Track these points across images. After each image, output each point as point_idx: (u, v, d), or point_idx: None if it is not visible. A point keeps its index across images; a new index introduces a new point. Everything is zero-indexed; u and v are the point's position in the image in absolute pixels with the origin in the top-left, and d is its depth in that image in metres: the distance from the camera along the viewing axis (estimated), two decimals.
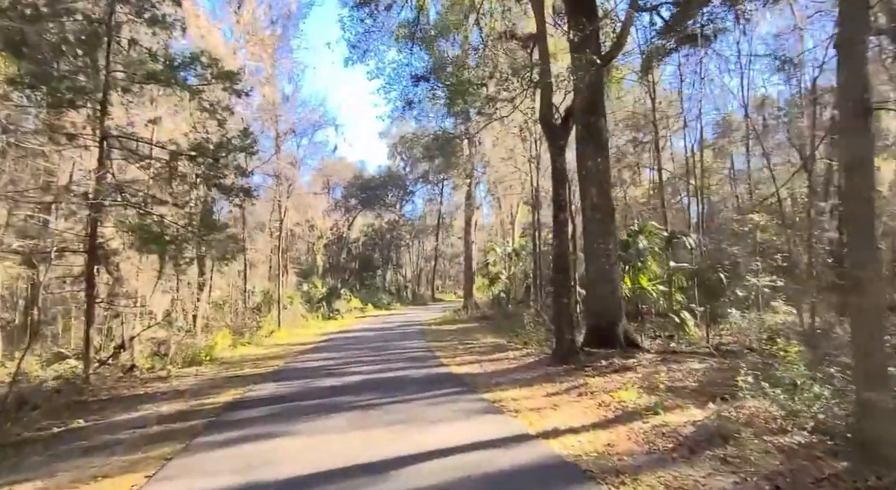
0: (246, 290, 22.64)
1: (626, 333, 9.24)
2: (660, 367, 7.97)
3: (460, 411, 6.06)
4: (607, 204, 9.41)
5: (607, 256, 9.21)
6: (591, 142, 9.49)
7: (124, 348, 10.70)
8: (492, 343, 13.87)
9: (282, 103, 23.09)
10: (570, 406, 6.09)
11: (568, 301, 8.74)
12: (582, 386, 7.08)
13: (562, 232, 8.82)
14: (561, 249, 8.79)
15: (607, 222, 9.35)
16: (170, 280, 18.77)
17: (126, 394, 8.66)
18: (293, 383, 8.63)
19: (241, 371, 10.75)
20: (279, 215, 22.65)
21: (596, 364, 8.35)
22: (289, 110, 23.80)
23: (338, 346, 14.48)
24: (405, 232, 50.33)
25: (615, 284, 9.31)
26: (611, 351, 8.80)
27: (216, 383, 9.32)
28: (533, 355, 10.39)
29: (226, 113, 11.18)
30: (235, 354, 13.75)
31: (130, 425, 6.24)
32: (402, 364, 10.43)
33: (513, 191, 26.91)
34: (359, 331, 19.92)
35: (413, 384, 8.05)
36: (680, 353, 9.50)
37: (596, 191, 9.33)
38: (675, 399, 5.96)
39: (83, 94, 9.16)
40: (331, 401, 7.01)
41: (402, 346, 14.06)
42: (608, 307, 9.21)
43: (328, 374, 9.44)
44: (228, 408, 6.95)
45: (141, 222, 9.89)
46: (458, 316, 24.84)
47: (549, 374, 8.21)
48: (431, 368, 9.61)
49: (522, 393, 7.02)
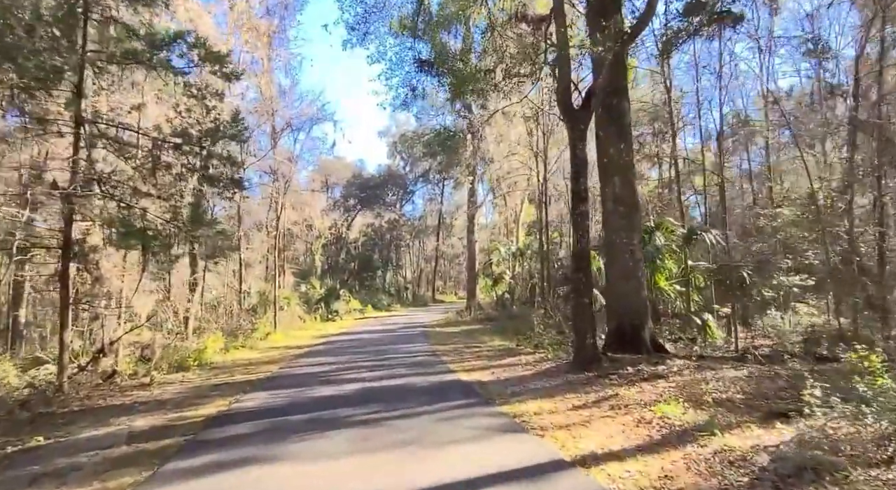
0: (241, 290, 21.81)
1: (653, 337, 8.42)
2: (695, 375, 7.15)
3: (477, 429, 5.22)
4: (631, 195, 8.58)
5: (631, 252, 8.39)
6: (612, 126, 8.68)
7: (104, 353, 9.85)
8: (500, 346, 13.04)
9: (279, 97, 22.28)
10: (605, 423, 5.25)
11: (589, 302, 7.91)
12: (612, 397, 6.24)
13: (582, 226, 7.99)
14: (581, 245, 7.96)
15: (631, 215, 8.53)
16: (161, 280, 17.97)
17: (101, 404, 7.81)
18: (286, 392, 7.79)
19: (231, 377, 9.91)
20: (275, 213, 21.81)
21: (622, 371, 7.52)
22: (286, 105, 22.99)
23: (336, 350, 13.64)
24: (405, 232, 49.52)
25: (639, 283, 8.48)
26: (636, 356, 7.97)
27: (202, 392, 8.48)
28: (548, 361, 9.55)
29: (215, 99, 10.35)
30: (227, 359, 12.91)
31: (95, 445, 5.40)
32: (406, 370, 9.60)
33: (517, 188, 26.12)
34: (358, 333, 19.07)
35: (420, 394, 7.21)
36: (708, 359, 8.67)
37: (619, 180, 8.50)
38: (726, 414, 5.12)
39: (56, 73, 8.34)
40: (328, 414, 6.17)
41: (405, 349, 13.22)
42: (632, 308, 8.39)
43: (325, 382, 8.60)
44: (211, 423, 6.10)
45: (121, 216, 9.06)
46: (461, 317, 24.01)
47: (571, 382, 7.37)
48: (438, 375, 8.78)
49: (545, 405, 6.18)
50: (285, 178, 21.17)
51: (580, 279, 7.95)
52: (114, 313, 10.74)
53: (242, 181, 10.05)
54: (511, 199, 28.00)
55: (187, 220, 10.10)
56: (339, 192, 44.23)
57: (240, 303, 21.10)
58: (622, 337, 8.31)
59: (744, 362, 8.17)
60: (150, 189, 9.69)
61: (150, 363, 10.32)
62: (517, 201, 27.76)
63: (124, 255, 11.26)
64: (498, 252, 26.80)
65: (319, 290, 28.00)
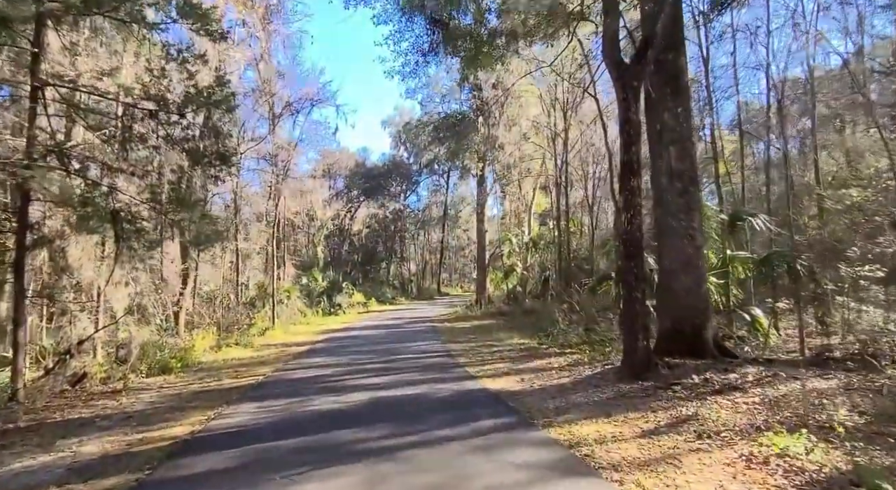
0: (238, 283, 20.52)
1: (716, 339, 7.05)
2: (779, 387, 5.79)
3: (526, 467, 3.88)
4: (690, 168, 7.17)
5: (691, 238, 6.99)
6: (667, 87, 7.25)
7: (71, 354, 8.55)
8: (520, 345, 11.70)
9: (277, 78, 20.81)
10: (699, 460, 3.89)
11: (642, 296, 6.53)
12: (690, 419, 4.88)
13: (633, 204, 6.59)
14: (632, 228, 6.57)
15: (690, 192, 7.12)
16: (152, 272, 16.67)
17: (56, 419, 6.52)
18: (278, 404, 6.47)
19: (217, 382, 8.61)
20: (273, 201, 20.46)
21: (686, 381, 6.16)
22: (284, 86, 21.51)
23: (339, 348, 12.33)
24: (410, 223, 48.16)
25: (700, 274, 7.09)
26: (699, 362, 6.60)
27: (180, 402, 7.17)
28: (585, 364, 8.20)
29: (199, 63, 8.95)
30: (218, 358, 11.61)
31: (18, 485, 4.09)
32: (420, 375, 8.26)
33: (529, 174, 24.61)
34: (363, 328, 17.76)
35: (440, 409, 5.87)
36: (776, 363, 7.28)
37: (675, 151, 7.09)
38: (870, 450, 3.76)
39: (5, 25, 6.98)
40: (327, 439, 4.84)
41: (415, 348, 11.89)
42: (692, 304, 7.00)
43: (326, 390, 7.27)
44: (177, 451, 4.77)
45: (85, 194, 7.72)
46: (470, 312, 22.66)
47: (626, 395, 6.02)
48: (458, 382, 7.43)
49: (605, 429, 4.83)
50: (284, 163, 19.76)
51: (631, 269, 6.57)
52: (85, 308, 9.45)
53: (229, 155, 8.65)
54: (523, 186, 26.52)
55: (168, 202, 8.78)
56: (342, 182, 42.81)
57: (237, 296, 19.85)
58: (679, 338, 6.94)
59: (825, 368, 6.80)
60: (121, 164, 8.35)
61: (124, 365, 9.02)
62: (529, 189, 26.28)
63: (102, 242, 9.97)
64: (509, 242, 25.39)
65: (321, 283, 26.71)
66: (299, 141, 23.46)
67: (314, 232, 37.66)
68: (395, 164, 44.86)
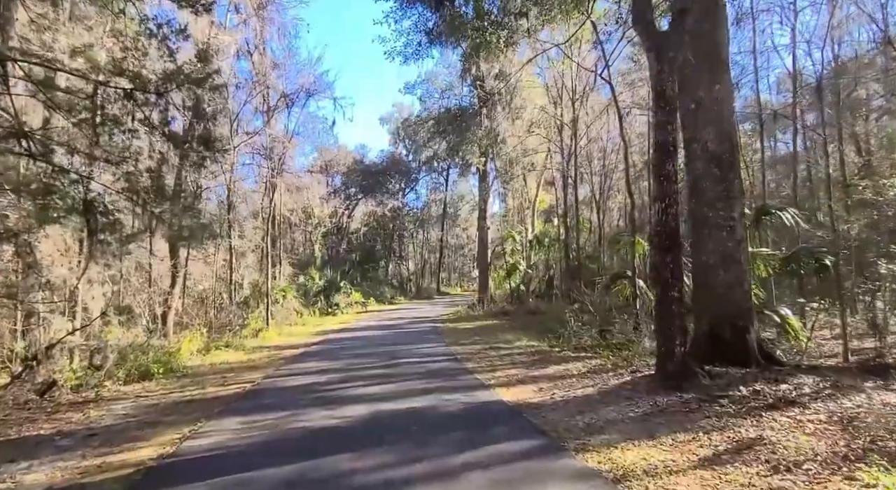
0: (232, 282, 19.66)
1: (760, 343, 6.25)
2: (843, 401, 5.01)
3: None
4: (730, 152, 6.36)
5: (730, 230, 6.19)
6: (704, 61, 6.45)
7: (38, 360, 7.73)
8: (529, 348, 10.92)
9: (271, 70, 19.93)
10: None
11: (679, 296, 5.73)
12: (756, 444, 4.08)
13: (668, 192, 5.80)
14: (668, 219, 5.78)
15: (729, 179, 6.31)
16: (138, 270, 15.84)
17: (10, 436, 5.70)
18: (265, 420, 5.65)
19: (200, 391, 7.79)
20: (268, 196, 19.62)
21: (733, 393, 5.37)
22: (279, 77, 20.61)
23: (336, 352, 11.52)
24: (408, 222, 47.36)
25: (742, 271, 6.29)
26: (744, 371, 5.81)
27: (155, 414, 6.36)
28: (607, 371, 7.40)
29: (180, 38, 8.12)
30: (205, 362, 10.79)
31: None
32: (425, 382, 7.46)
33: (533, 168, 23.79)
34: (361, 329, 16.95)
35: (452, 427, 5.07)
36: (821, 369, 6.48)
37: (713, 133, 6.29)
38: None
39: None
40: (318, 469, 4.03)
41: (418, 351, 11.09)
42: (732, 304, 6.21)
43: (320, 402, 6.45)
44: (138, 483, 3.96)
45: (50, 182, 6.89)
46: (472, 311, 21.84)
47: (665, 409, 5.22)
48: (469, 393, 6.63)
49: (652, 454, 4.04)
50: (279, 156, 18.90)
51: (667, 265, 5.77)
52: (56, 309, 8.62)
53: (213, 140, 7.82)
54: (526, 182, 25.71)
55: (146, 192, 7.94)
56: (340, 180, 41.91)
57: (231, 296, 19.00)
58: (718, 343, 6.15)
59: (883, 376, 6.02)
60: (94, 150, 7.52)
61: (99, 372, 8.19)
62: (532, 185, 25.48)
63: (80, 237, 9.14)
64: (512, 240, 24.63)
65: (319, 282, 25.88)
66: (295, 134, 22.59)
67: (311, 230, 36.81)
68: (394, 161, 44.03)
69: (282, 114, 21.96)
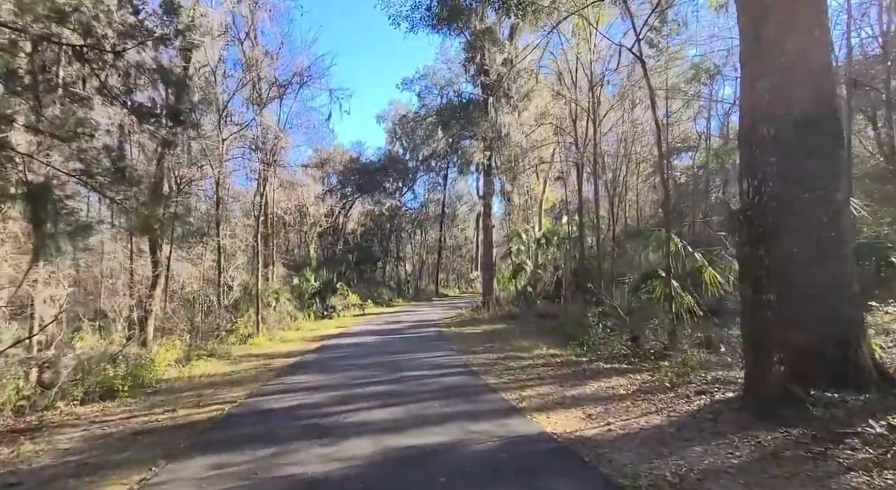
0: (221, 283, 18.24)
1: (875, 361, 4.96)
2: None
3: None
4: (830, 116, 5.06)
5: (834, 216, 4.88)
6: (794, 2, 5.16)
7: None
8: (552, 357, 9.62)
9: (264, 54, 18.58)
10: None
11: (777, 300, 4.45)
12: None
13: (762, 165, 4.51)
14: (761, 201, 4.50)
15: (829, 152, 5.01)
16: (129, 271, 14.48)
17: None
18: (241, 463, 4.31)
19: (169, 414, 6.43)
20: (261, 189, 18.24)
21: (866, 431, 4.05)
22: (270, 66, 19.19)
23: (332, 362, 10.16)
24: (406, 222, 46.07)
25: (846, 267, 4.99)
26: (862, 397, 4.49)
27: (105, 451, 5.00)
28: (668, 391, 6.09)
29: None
30: (183, 374, 9.41)
31: None
32: (441, 405, 6.13)
33: (541, 162, 22.50)
34: (360, 334, 15.61)
35: (494, 482, 3.74)
36: None
37: (809, 91, 4.99)
38: None
39: None
40: None
41: (427, 361, 9.76)
42: (832, 309, 4.91)
43: (314, 433, 5.11)
44: None
45: None
46: (477, 314, 20.50)
47: (776, 452, 3.92)
48: (499, 420, 5.30)
49: None
50: (272, 148, 17.52)
51: (760, 260, 4.50)
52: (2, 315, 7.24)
53: (182, 113, 6.47)
54: (532, 178, 24.43)
55: (103, 176, 6.59)
56: (336, 179, 40.45)
57: (219, 298, 17.59)
58: (817, 359, 4.85)
59: None
60: (38, 123, 6.17)
61: (50, 390, 6.81)
62: (539, 181, 24.21)
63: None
64: (518, 239, 23.30)
65: (314, 284, 24.49)
66: (289, 126, 21.20)
67: (307, 230, 35.42)
68: (391, 159, 42.62)
69: (275, 104, 20.61)
